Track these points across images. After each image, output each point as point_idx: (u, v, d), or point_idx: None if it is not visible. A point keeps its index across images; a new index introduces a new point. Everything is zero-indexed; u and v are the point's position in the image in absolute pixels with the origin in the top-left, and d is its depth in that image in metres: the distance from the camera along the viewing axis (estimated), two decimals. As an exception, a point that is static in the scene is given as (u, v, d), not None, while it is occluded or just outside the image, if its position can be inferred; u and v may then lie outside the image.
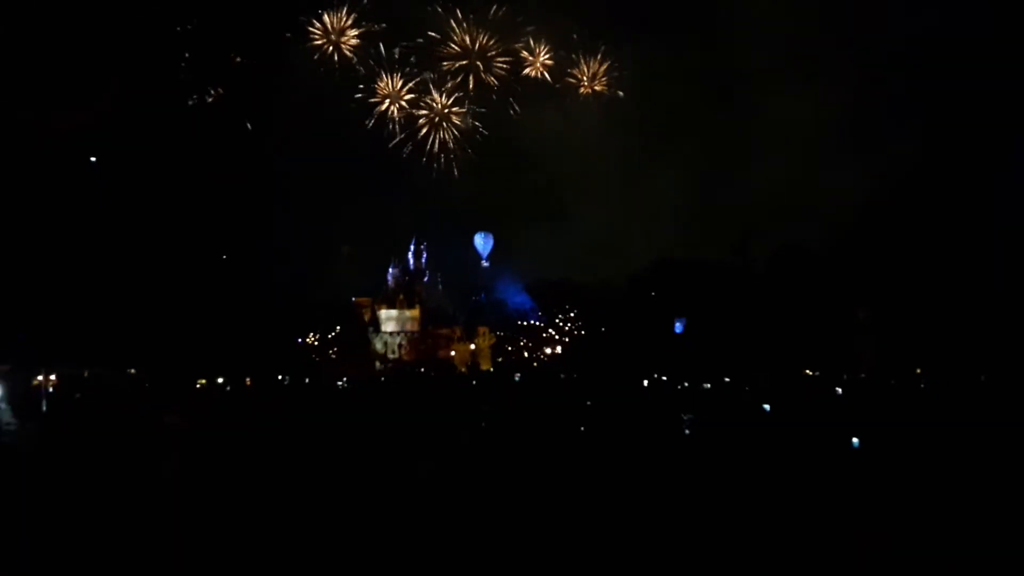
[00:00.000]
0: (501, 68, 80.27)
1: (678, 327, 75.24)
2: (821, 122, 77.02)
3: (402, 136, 78.76)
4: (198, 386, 57.52)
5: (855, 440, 17.00)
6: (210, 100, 56.38)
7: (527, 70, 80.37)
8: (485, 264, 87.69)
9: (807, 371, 63.29)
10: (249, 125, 62.46)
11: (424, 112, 79.91)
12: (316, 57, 76.15)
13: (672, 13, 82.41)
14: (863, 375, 57.05)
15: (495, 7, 77.24)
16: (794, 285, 71.07)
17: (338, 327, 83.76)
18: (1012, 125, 60.74)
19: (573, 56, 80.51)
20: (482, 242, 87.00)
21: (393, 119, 77.99)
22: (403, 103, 77.62)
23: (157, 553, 11.87)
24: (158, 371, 57.34)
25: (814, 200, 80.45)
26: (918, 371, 55.35)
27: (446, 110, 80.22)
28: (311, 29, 75.75)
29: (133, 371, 59.70)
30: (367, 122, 76.14)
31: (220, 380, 60.91)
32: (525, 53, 79.40)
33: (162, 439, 23.87)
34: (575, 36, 77.82)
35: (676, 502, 13.26)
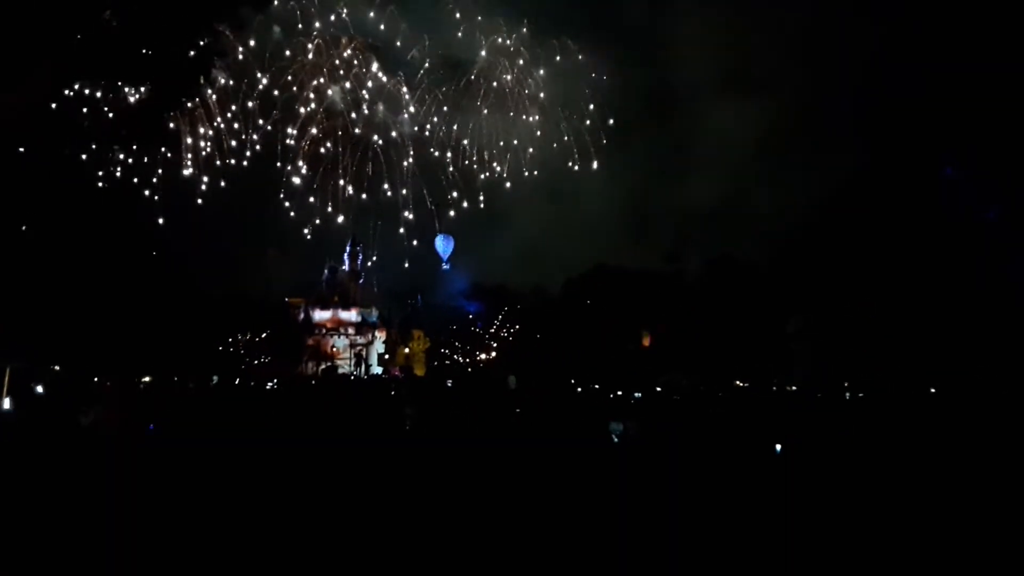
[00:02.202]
0: (443, 72, 79.92)
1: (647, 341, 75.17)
2: (760, 133, 78.76)
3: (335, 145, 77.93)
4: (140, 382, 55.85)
5: (778, 446, 17.38)
6: (137, 95, 55.09)
7: (468, 75, 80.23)
8: (446, 267, 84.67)
9: (738, 382, 64.12)
10: (171, 124, 61.14)
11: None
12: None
13: (614, 23, 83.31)
14: (793, 387, 57.94)
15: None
16: (729, 295, 72.18)
17: (269, 328, 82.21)
18: (949, 141, 62.63)
19: (512, 62, 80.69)
20: (443, 244, 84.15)
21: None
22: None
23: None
24: (81, 368, 55.53)
25: (751, 211, 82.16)
26: (846, 384, 56.44)
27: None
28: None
29: (57, 368, 57.70)
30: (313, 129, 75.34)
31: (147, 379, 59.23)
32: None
33: (77, 442, 22.78)
34: (508, 42, 78.08)
35: (603, 509, 13.06)
